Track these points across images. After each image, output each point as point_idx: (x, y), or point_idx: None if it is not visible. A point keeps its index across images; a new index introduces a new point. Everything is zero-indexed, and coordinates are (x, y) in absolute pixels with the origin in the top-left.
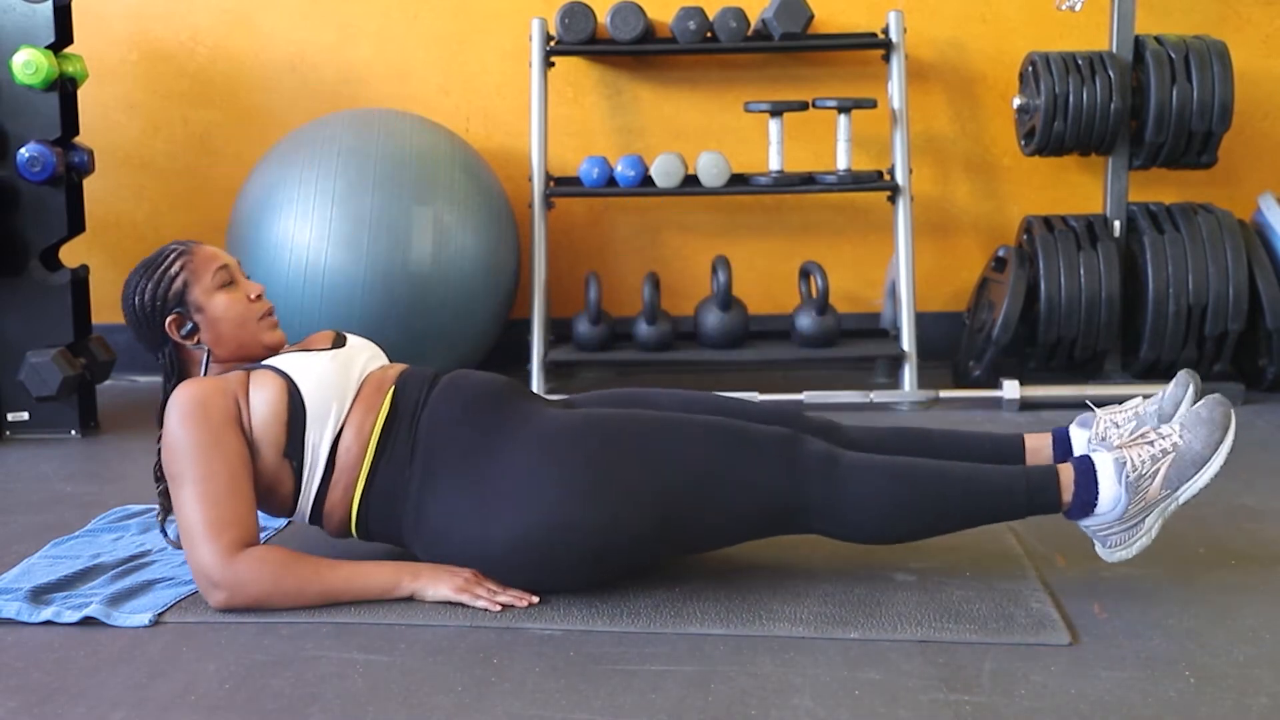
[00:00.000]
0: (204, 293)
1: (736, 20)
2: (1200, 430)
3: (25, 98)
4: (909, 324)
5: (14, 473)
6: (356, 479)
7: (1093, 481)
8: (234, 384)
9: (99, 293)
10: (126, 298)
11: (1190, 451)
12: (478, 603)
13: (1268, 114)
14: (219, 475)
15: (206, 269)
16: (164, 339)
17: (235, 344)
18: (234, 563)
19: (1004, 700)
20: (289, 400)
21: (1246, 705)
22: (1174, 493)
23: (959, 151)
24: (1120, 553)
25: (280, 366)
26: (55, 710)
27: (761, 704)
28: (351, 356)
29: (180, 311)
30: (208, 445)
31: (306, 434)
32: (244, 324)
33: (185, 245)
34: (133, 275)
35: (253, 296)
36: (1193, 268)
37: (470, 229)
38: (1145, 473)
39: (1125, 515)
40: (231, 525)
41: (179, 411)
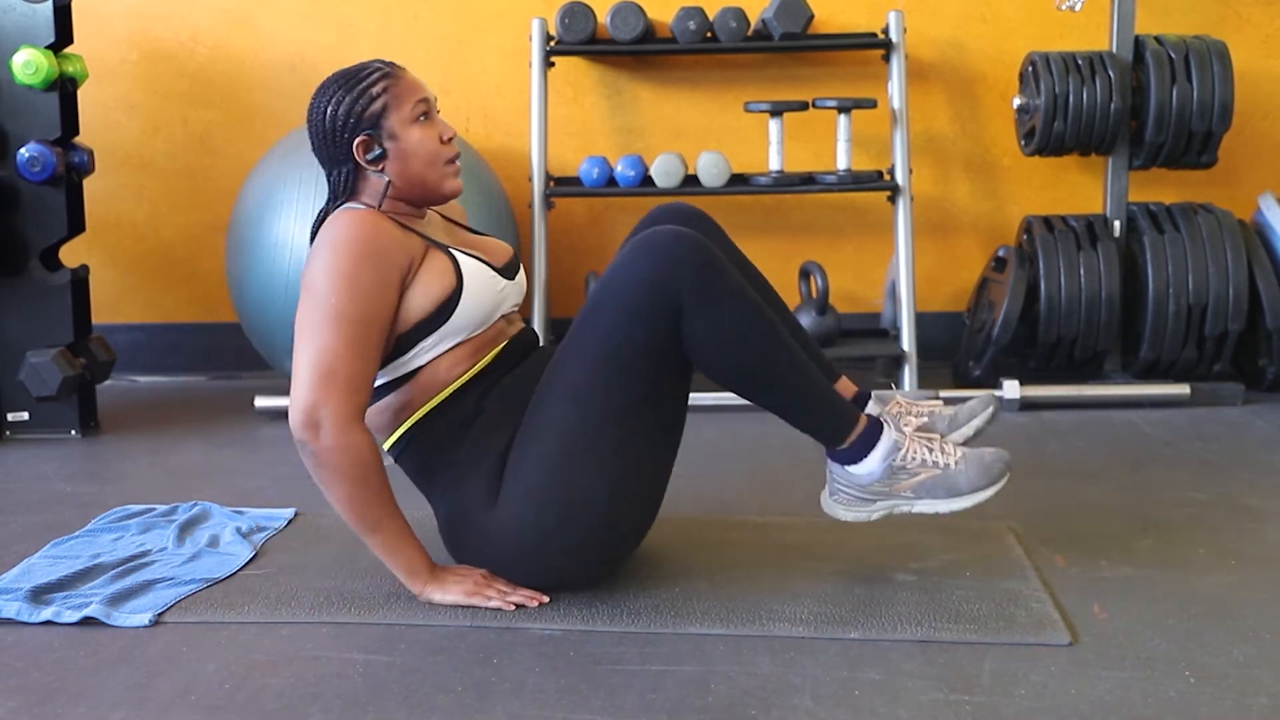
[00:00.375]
0: (401, 122)
1: (736, 20)
2: (973, 470)
3: (25, 98)
4: (909, 324)
5: (14, 473)
6: (422, 405)
7: (870, 445)
8: (415, 247)
9: (99, 293)
10: (317, 106)
11: (953, 480)
12: (490, 603)
13: (1268, 114)
14: (372, 328)
15: (409, 98)
16: (347, 156)
17: (419, 181)
18: (352, 431)
19: (1004, 700)
20: (445, 301)
21: (1246, 705)
22: (915, 499)
23: (959, 151)
24: (838, 510)
25: (461, 264)
26: (55, 710)
27: (761, 704)
28: (508, 295)
29: (372, 134)
30: (372, 290)
31: (430, 335)
32: (433, 163)
33: (390, 67)
34: (329, 83)
35: (445, 138)
36: (1193, 268)
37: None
38: (909, 468)
39: (866, 487)
40: (361, 389)
41: (357, 238)
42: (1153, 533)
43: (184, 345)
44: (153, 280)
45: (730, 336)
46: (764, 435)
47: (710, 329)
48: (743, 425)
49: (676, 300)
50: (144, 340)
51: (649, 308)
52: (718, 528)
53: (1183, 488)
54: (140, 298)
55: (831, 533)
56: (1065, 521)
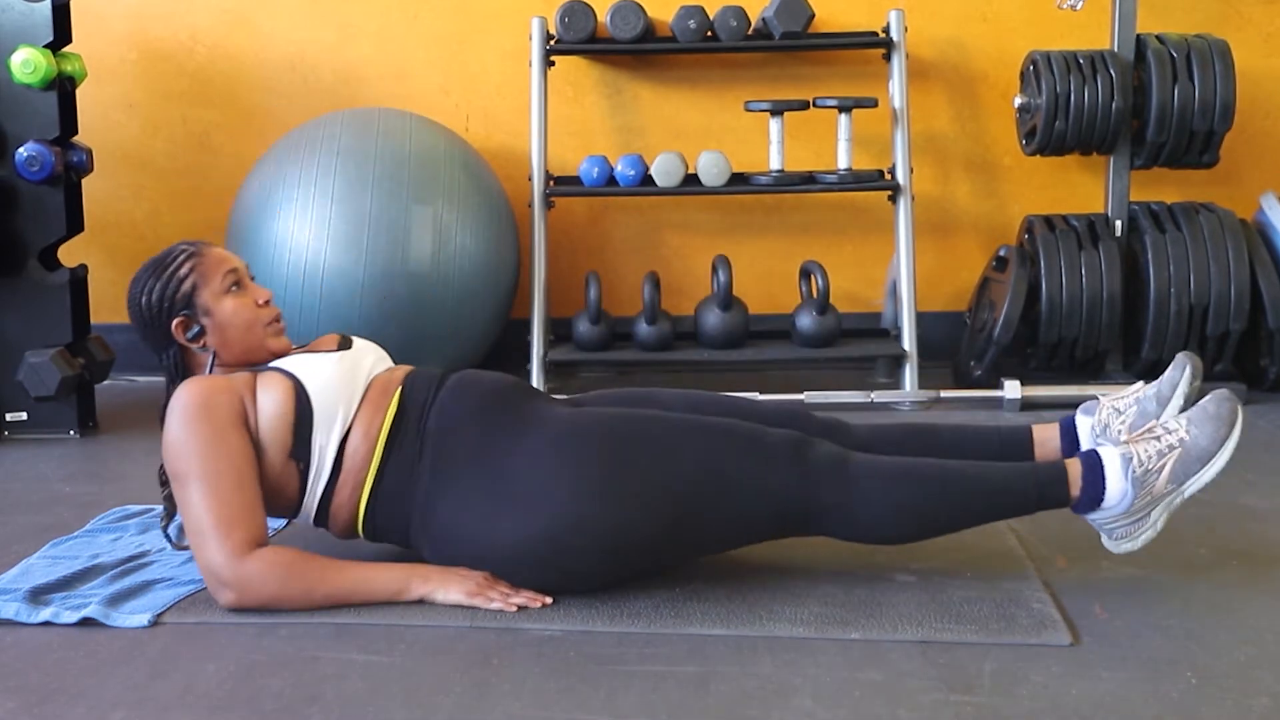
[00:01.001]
0: (212, 296)
1: (737, 19)
2: (1207, 426)
3: (24, 97)
4: (910, 324)
5: (13, 473)
6: (364, 480)
7: (1100, 477)
8: (240, 384)
9: (98, 292)
10: (133, 297)
11: (1196, 447)
12: (492, 605)
13: (1269, 113)
14: (226, 474)
15: (216, 272)
16: (169, 341)
17: (241, 348)
18: (244, 563)
19: (1004, 701)
20: (296, 401)
21: (1247, 705)
22: (1180, 487)
23: (960, 151)
24: (1126, 545)
25: (287, 368)
26: (55, 710)
27: (761, 704)
28: (358, 359)
29: (187, 314)
30: (214, 443)
31: (314, 435)
32: (251, 329)
33: (194, 246)
34: (140, 274)
35: (260, 302)
36: (1194, 267)
37: (470, 229)
38: (1151, 468)
39: (1131, 509)
40: (240, 524)
41: (183, 409)
42: None
43: None
44: None
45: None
46: None
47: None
48: None
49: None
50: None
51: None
52: None
53: None
54: None
55: None
56: (1066, 522)
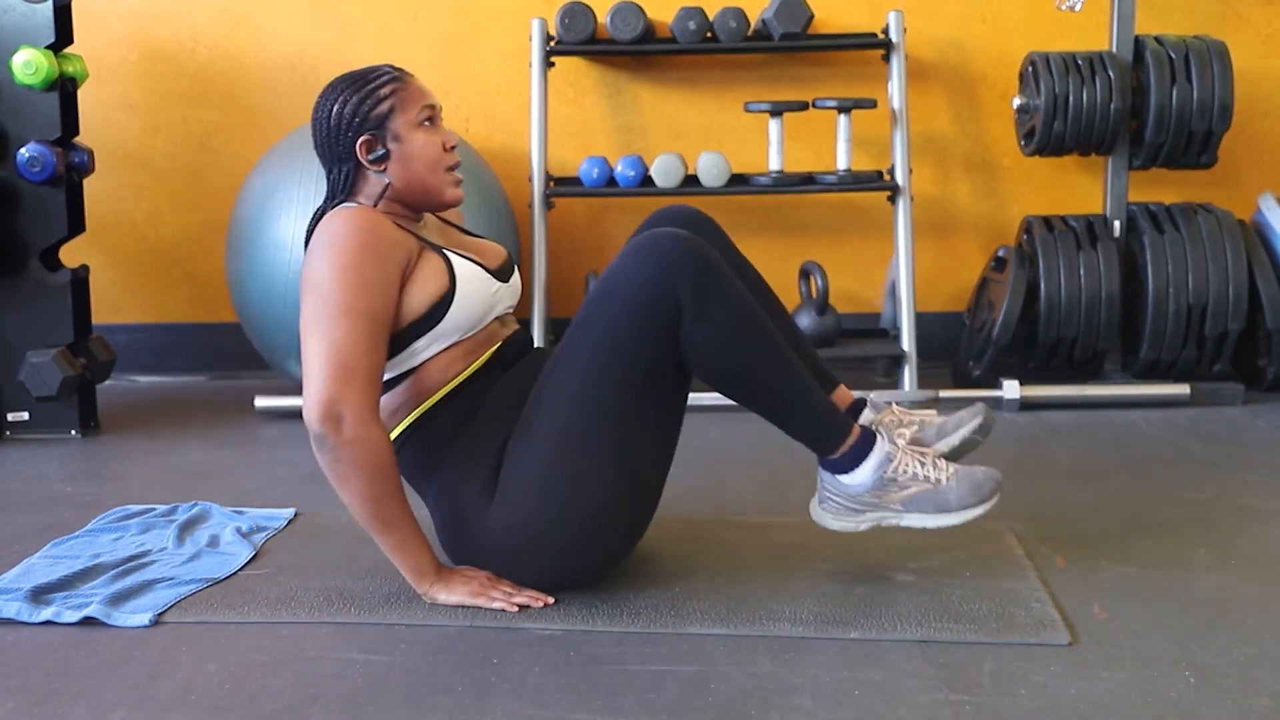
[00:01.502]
0: (406, 125)
1: (736, 20)
2: (964, 487)
3: (25, 98)
4: (909, 324)
5: (14, 473)
6: (417, 407)
7: (862, 456)
8: (413, 244)
9: (99, 293)
10: (323, 104)
11: (944, 496)
12: (494, 605)
13: (1267, 114)
14: (381, 320)
15: (415, 102)
16: (349, 155)
17: (419, 186)
18: (375, 425)
19: (1004, 700)
20: (438, 302)
21: (1247, 705)
22: (904, 513)
23: (959, 151)
24: (826, 519)
25: (455, 264)
26: (55, 710)
27: (761, 704)
28: (502, 297)
29: (375, 134)
30: (378, 284)
31: (423, 337)
32: (434, 169)
33: (399, 72)
34: (337, 82)
35: (449, 145)
36: (1193, 268)
37: (470, 229)
38: (900, 481)
39: (857, 497)
40: (378, 382)
41: (361, 233)
42: (1153, 533)
43: (184, 345)
44: (153, 280)
45: (726, 341)
46: (764, 436)
47: (706, 333)
48: (744, 426)
49: (675, 302)
50: (144, 340)
51: (647, 309)
52: (718, 528)
53: (1183, 488)
54: (140, 298)
55: (831, 533)
56: (1065, 521)
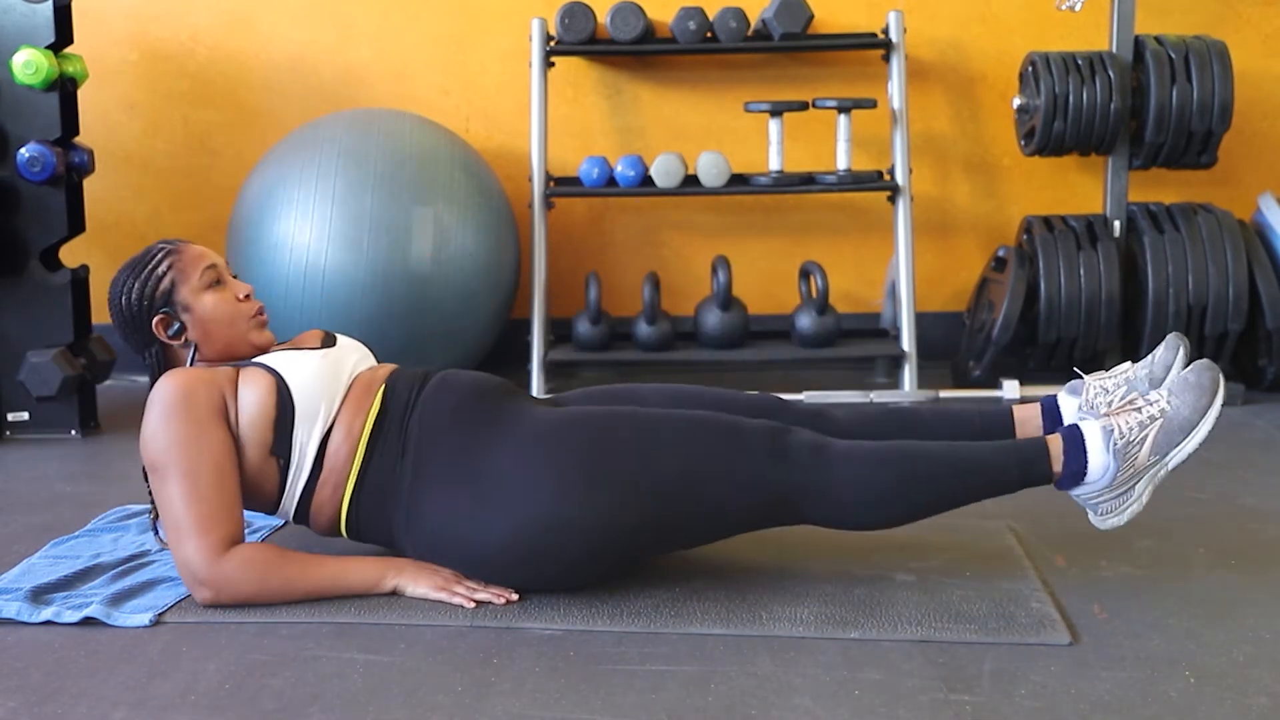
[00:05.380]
0: (191, 292)
1: (736, 20)
2: (1188, 395)
3: (25, 98)
4: (909, 324)
5: (14, 473)
6: (346, 478)
7: (1081, 451)
8: (222, 378)
9: (99, 293)
10: (113, 298)
11: (1178, 417)
12: (454, 600)
13: (1267, 114)
14: (205, 470)
15: (194, 268)
16: (151, 339)
17: (223, 343)
18: (221, 561)
19: (1004, 700)
20: (278, 397)
21: (1246, 705)
22: (1163, 459)
23: (959, 151)
24: (1113, 520)
25: (270, 364)
26: (55, 710)
27: (761, 704)
28: (341, 356)
29: (167, 311)
30: (194, 437)
31: (295, 432)
32: (233, 323)
33: (172, 244)
34: (119, 274)
35: (241, 296)
36: (1192, 268)
37: (470, 229)
38: (1134, 439)
39: (1115, 483)
40: (219, 523)
41: (163, 401)
42: (1153, 533)
43: None
44: None
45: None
46: None
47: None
48: None
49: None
50: None
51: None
52: None
53: (1183, 488)
54: None
55: (831, 533)
56: (1065, 521)
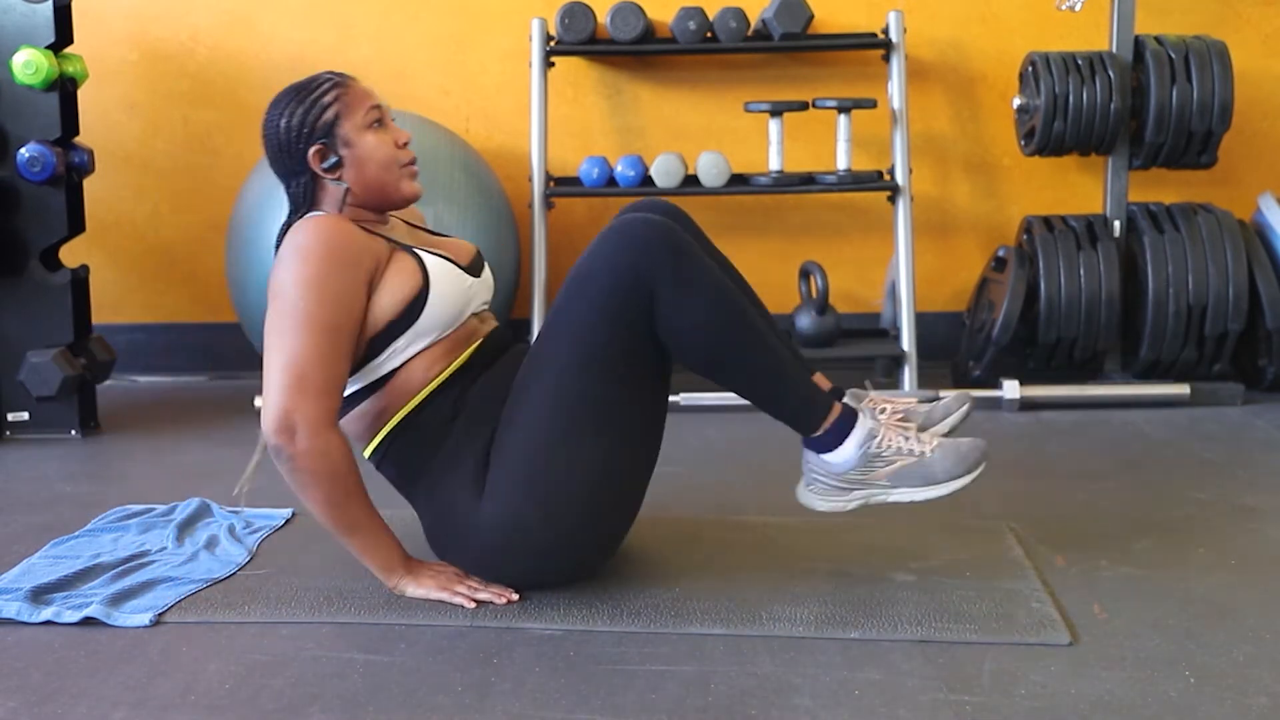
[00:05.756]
0: (355, 129)
1: (736, 20)
2: (950, 458)
3: (25, 98)
4: (909, 324)
5: (14, 473)
6: (399, 409)
7: (845, 432)
8: (381, 247)
9: (99, 293)
10: (271, 120)
11: (930, 468)
12: (455, 599)
13: (1267, 114)
14: (345, 330)
15: (360, 105)
16: (303, 168)
17: (377, 186)
18: (329, 435)
19: (1004, 700)
20: (413, 301)
21: (1246, 705)
22: (891, 489)
23: (959, 151)
24: (814, 500)
25: (426, 262)
26: (55, 710)
27: (761, 704)
28: (477, 293)
29: (326, 142)
30: (346, 291)
31: (400, 337)
32: (389, 167)
33: (340, 77)
34: (282, 96)
35: (401, 143)
36: (1193, 268)
37: (470, 229)
38: (885, 456)
39: (842, 476)
40: (337, 392)
41: (325, 239)
42: (1153, 533)
43: (184, 345)
44: (153, 280)
45: (703, 320)
46: (764, 435)
47: (683, 313)
48: (743, 425)
49: (649, 286)
50: (144, 340)
51: (622, 294)
52: (718, 528)
53: (1183, 488)
54: (140, 298)
55: (832, 533)
56: (1065, 521)
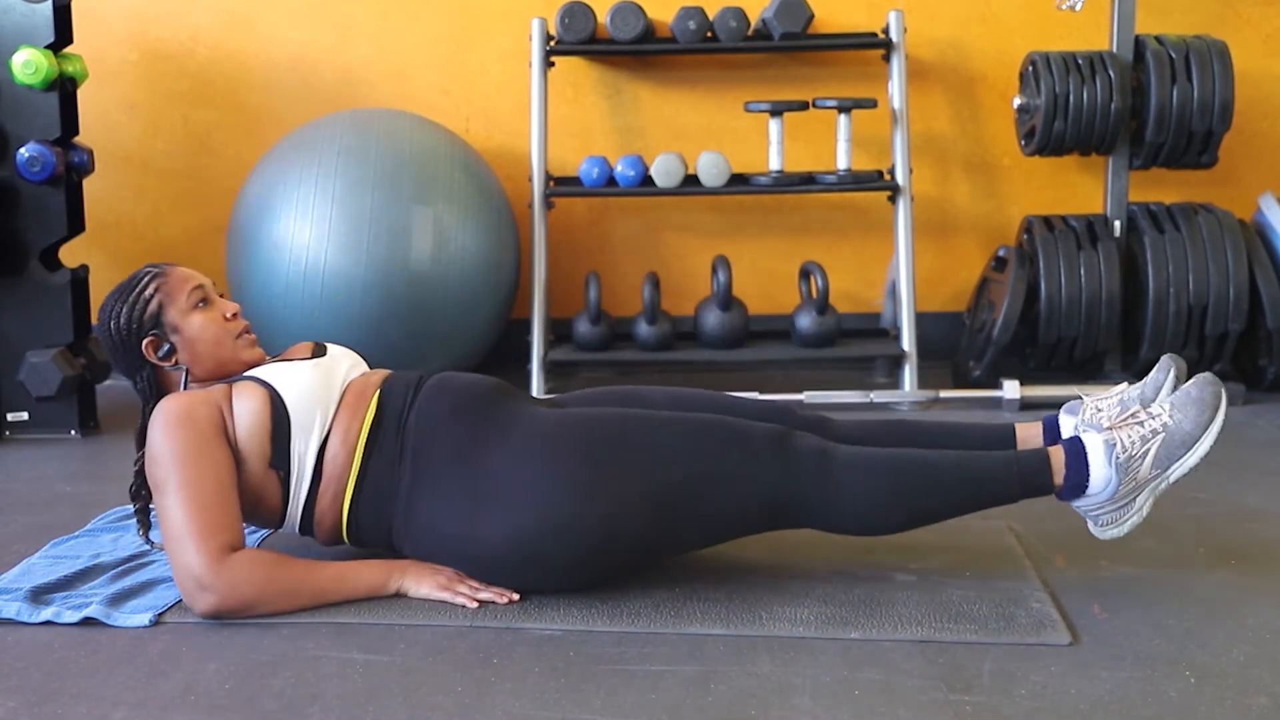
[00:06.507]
0: (179, 313)
1: (736, 20)
2: (1190, 410)
3: (25, 98)
4: (909, 324)
5: (14, 473)
6: (345, 485)
7: (1083, 463)
8: (217, 395)
9: (99, 293)
10: (102, 323)
11: (1180, 431)
12: (457, 600)
13: (1267, 114)
14: (206, 481)
15: (181, 290)
16: (142, 362)
17: (213, 362)
18: (225, 565)
19: (1004, 700)
20: (272, 410)
21: (1246, 705)
22: (1164, 472)
23: (959, 151)
24: (1112, 531)
25: (263, 377)
26: (55, 710)
27: (761, 704)
28: (333, 365)
29: (156, 333)
30: (194, 453)
31: (292, 443)
32: (221, 342)
33: (159, 268)
34: (107, 301)
35: (228, 315)
36: (1193, 268)
37: (470, 229)
38: (1135, 453)
39: (1116, 495)
40: (221, 529)
41: (164, 421)
42: (1153, 533)
43: None
44: None
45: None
46: None
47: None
48: None
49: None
50: None
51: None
52: None
53: (1183, 488)
54: None
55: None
56: (1065, 521)
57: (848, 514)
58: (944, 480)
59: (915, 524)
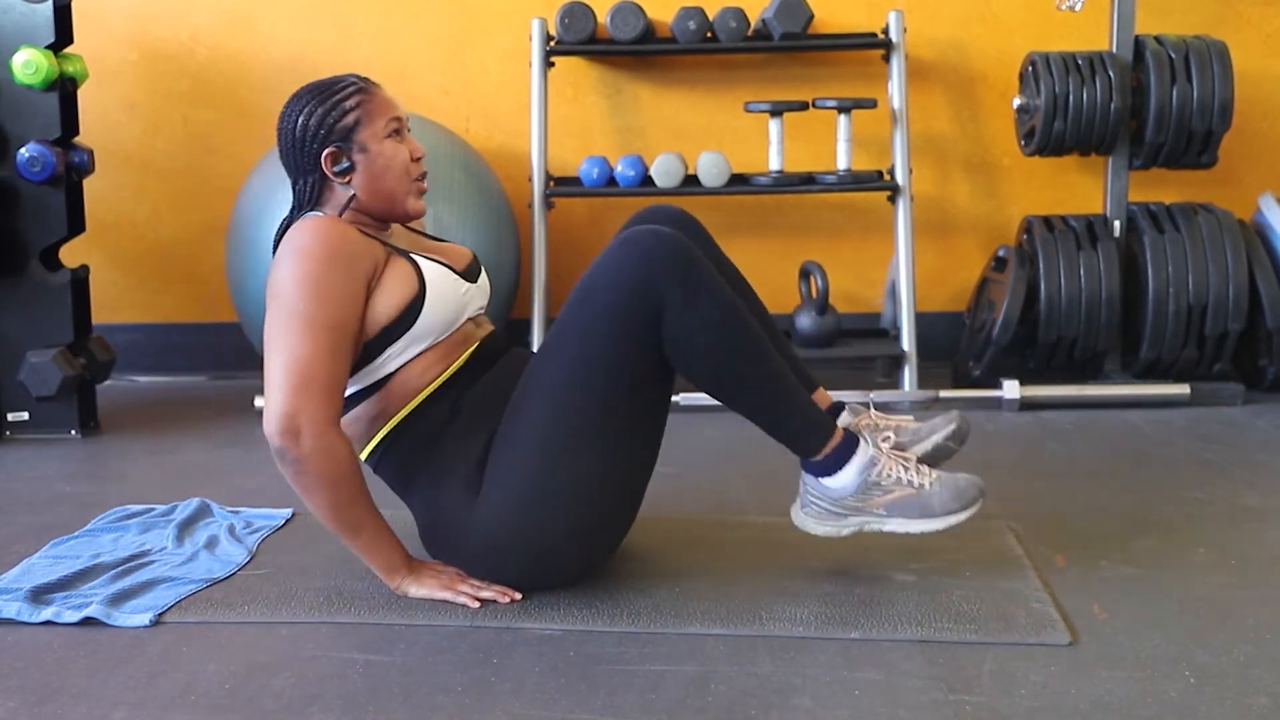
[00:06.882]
0: (373, 136)
1: (736, 20)
2: (947, 494)
3: (25, 98)
4: (909, 324)
5: (14, 473)
6: (396, 412)
7: (845, 459)
8: (379, 253)
9: (99, 293)
10: (288, 115)
11: (928, 501)
12: (459, 599)
13: (1267, 114)
14: (344, 330)
15: (382, 114)
16: (313, 167)
17: (384, 196)
18: (335, 434)
19: (1004, 700)
20: (409, 307)
21: (1246, 705)
22: (886, 518)
23: (959, 151)
24: (809, 523)
25: (421, 266)
26: (55, 710)
27: (761, 704)
28: (472, 298)
29: (341, 146)
30: (346, 293)
31: (396, 342)
32: (401, 179)
33: (365, 83)
34: (303, 92)
35: (416, 156)
36: (1193, 268)
37: (470, 229)
38: (884, 485)
39: (839, 501)
40: (338, 394)
41: (325, 240)
42: (1153, 533)
43: (184, 345)
44: (153, 280)
45: (709, 336)
46: (763, 435)
47: (689, 328)
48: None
49: (657, 298)
50: (144, 340)
51: (629, 306)
52: (718, 528)
53: (1183, 488)
54: (140, 298)
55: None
56: (1065, 521)
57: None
58: (767, 380)
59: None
